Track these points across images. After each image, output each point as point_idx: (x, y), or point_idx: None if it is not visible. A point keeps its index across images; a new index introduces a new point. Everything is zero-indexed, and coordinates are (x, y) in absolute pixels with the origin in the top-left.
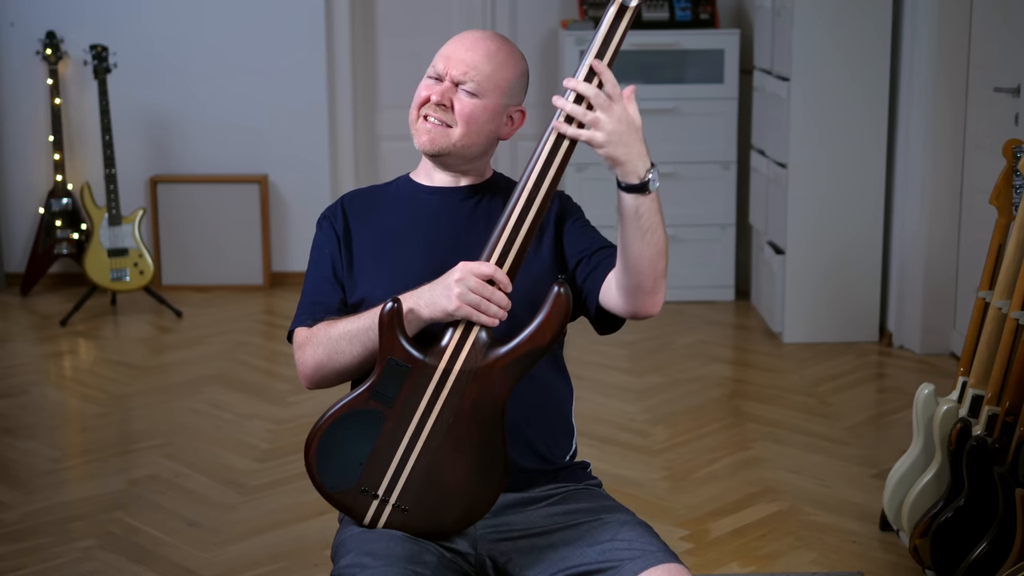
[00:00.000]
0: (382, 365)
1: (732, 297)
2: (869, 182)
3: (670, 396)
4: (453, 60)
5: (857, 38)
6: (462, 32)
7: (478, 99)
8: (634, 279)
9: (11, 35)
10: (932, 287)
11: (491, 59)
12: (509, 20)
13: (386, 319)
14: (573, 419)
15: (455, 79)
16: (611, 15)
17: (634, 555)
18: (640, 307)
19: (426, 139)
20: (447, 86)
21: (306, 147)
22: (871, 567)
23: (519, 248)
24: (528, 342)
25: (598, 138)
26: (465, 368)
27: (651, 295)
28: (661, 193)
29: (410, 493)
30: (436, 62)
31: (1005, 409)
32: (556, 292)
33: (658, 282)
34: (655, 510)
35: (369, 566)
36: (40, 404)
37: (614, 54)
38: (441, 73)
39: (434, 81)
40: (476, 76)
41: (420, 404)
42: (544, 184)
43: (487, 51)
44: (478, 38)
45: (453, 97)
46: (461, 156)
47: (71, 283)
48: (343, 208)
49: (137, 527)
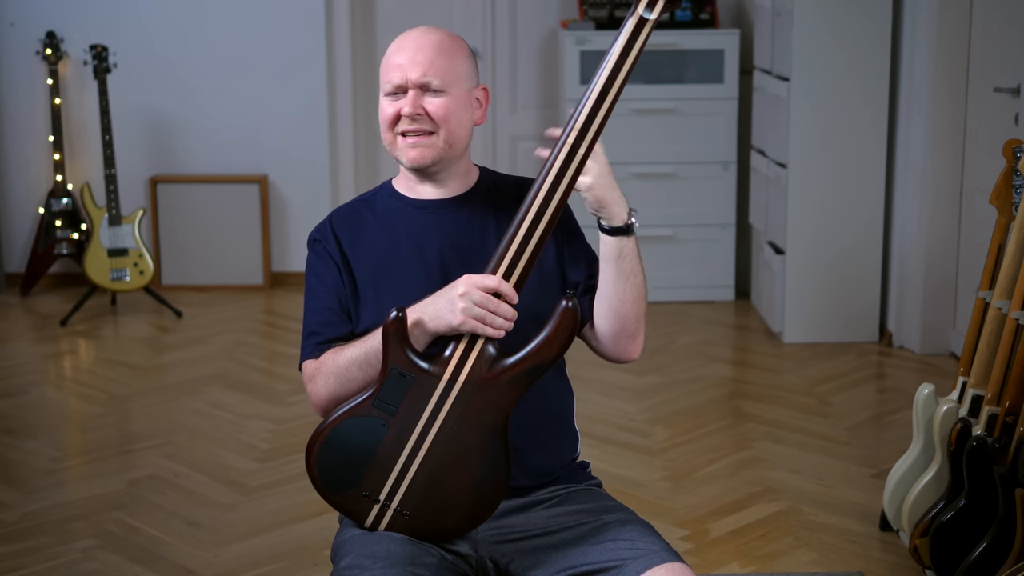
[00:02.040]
0: (385, 374)
1: (732, 297)
2: (869, 182)
3: (670, 396)
4: (407, 66)
5: (857, 38)
6: (398, 39)
7: (447, 94)
8: (617, 323)
9: (11, 35)
10: (932, 287)
11: (442, 51)
12: (509, 20)
13: (390, 328)
14: (576, 424)
15: (418, 83)
16: (629, 28)
17: (637, 554)
18: (623, 351)
19: (415, 154)
20: (413, 94)
21: (306, 147)
22: (871, 567)
23: (527, 261)
24: (535, 355)
25: (586, 180)
26: (470, 379)
27: (633, 339)
28: (661, 193)
29: (412, 498)
30: (389, 76)
31: (1005, 409)
32: (564, 307)
33: (639, 325)
34: (655, 510)
35: (369, 568)
36: (40, 404)
37: (631, 68)
38: (400, 85)
39: (395, 96)
40: (437, 72)
41: (423, 413)
42: (554, 199)
43: (434, 45)
44: (419, 36)
45: (422, 103)
46: (450, 159)
47: (71, 283)
48: (333, 231)
49: (137, 527)
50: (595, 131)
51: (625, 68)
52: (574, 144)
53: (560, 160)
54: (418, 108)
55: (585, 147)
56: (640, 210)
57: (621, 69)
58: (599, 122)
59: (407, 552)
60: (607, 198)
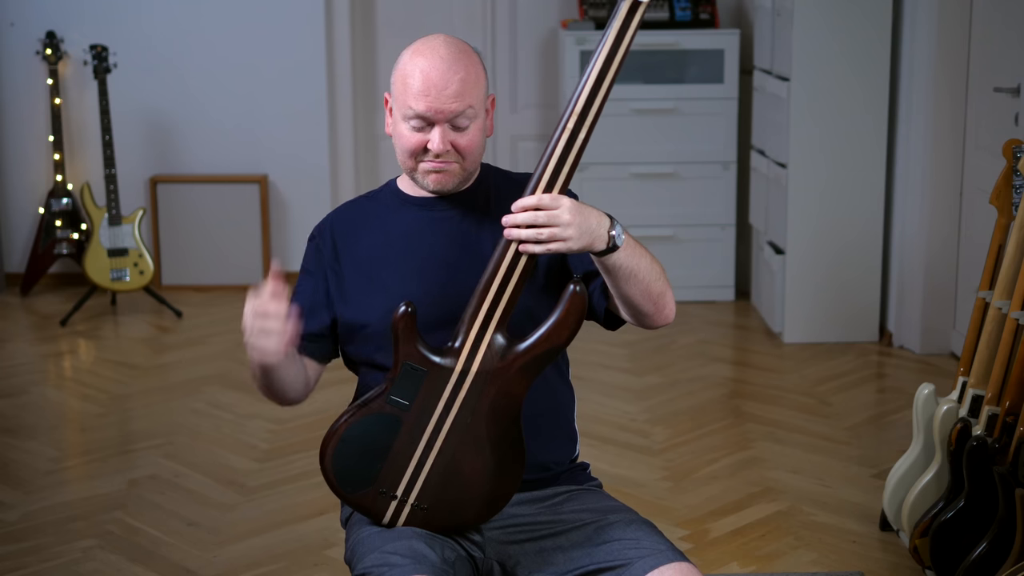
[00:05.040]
0: (397, 370)
1: (732, 297)
2: (869, 182)
3: (670, 396)
4: (436, 99)
5: (857, 38)
6: (420, 60)
7: (473, 123)
8: (632, 310)
9: (11, 35)
10: (932, 287)
11: (469, 84)
12: (509, 20)
13: (400, 323)
14: (576, 424)
15: (450, 118)
16: (623, 11)
17: (643, 554)
18: (651, 325)
19: (439, 181)
20: (442, 132)
21: (306, 147)
22: (871, 567)
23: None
24: (545, 341)
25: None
26: (482, 369)
27: (656, 315)
28: (660, 193)
29: (429, 492)
30: (413, 104)
31: (1005, 409)
32: (572, 291)
33: (659, 301)
34: (655, 510)
35: (399, 565)
36: (40, 404)
37: (624, 56)
38: (426, 115)
39: (419, 124)
40: (466, 106)
41: (437, 406)
42: (555, 189)
43: (462, 79)
44: (446, 69)
45: (451, 138)
46: (469, 179)
47: (71, 283)
48: (331, 230)
49: (137, 527)
50: (593, 117)
51: (620, 53)
52: (573, 130)
53: (559, 148)
54: (447, 145)
55: (584, 133)
56: (640, 210)
57: (616, 54)
58: (596, 108)
59: (432, 548)
60: (586, 241)
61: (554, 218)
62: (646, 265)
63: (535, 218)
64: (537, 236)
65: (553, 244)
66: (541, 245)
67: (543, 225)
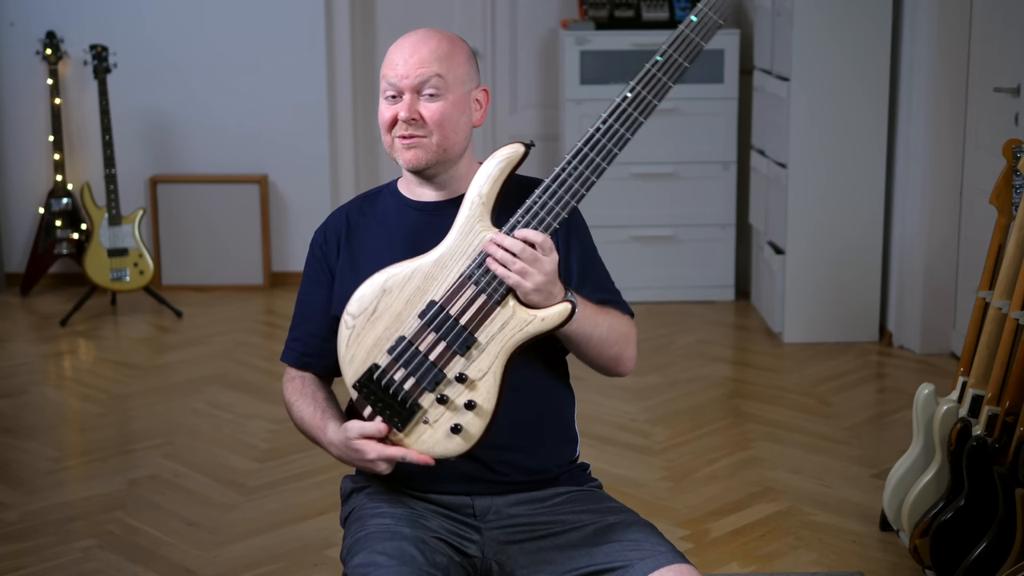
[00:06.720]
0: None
1: (732, 297)
2: (869, 182)
3: (670, 396)
4: (404, 70)
5: (857, 38)
6: (396, 43)
7: (443, 99)
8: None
9: (11, 35)
10: (932, 287)
11: (439, 55)
12: (509, 20)
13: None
14: (576, 426)
15: (414, 87)
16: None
17: (643, 555)
18: (610, 375)
19: (410, 156)
20: (409, 99)
21: (306, 147)
22: (871, 567)
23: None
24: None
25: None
26: None
27: (609, 371)
28: (660, 193)
29: None
30: (387, 79)
31: (1005, 409)
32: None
33: (611, 363)
34: (655, 510)
35: (384, 565)
36: (40, 404)
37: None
38: (397, 88)
39: (392, 99)
40: (433, 76)
41: None
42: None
43: (431, 49)
44: (417, 40)
45: (419, 107)
46: (447, 161)
47: (71, 283)
48: (331, 233)
49: (137, 527)
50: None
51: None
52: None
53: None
54: (414, 113)
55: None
56: (640, 210)
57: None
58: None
59: (420, 552)
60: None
61: (536, 263)
62: (600, 334)
63: (522, 251)
64: (509, 264)
65: (513, 279)
66: (505, 271)
67: (523, 259)
